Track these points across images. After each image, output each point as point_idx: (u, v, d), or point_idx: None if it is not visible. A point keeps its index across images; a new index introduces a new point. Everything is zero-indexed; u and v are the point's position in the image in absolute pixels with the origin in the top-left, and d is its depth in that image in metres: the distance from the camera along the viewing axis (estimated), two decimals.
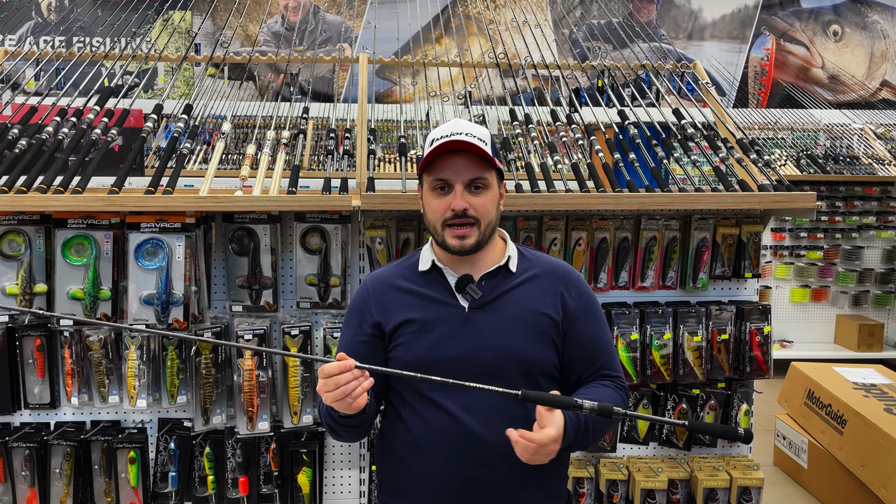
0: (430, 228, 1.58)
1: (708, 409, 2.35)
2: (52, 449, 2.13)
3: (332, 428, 1.53)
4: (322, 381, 1.35)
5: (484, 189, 1.53)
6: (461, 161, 1.51)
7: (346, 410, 1.39)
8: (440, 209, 1.52)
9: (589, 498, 2.33)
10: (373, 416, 1.55)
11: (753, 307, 2.35)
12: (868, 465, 3.18)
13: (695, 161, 2.39)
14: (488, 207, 1.53)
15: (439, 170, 1.52)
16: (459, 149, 1.50)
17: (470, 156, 1.51)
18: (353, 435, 1.56)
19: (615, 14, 6.97)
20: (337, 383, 1.33)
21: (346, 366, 1.33)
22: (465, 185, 1.51)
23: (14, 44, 6.73)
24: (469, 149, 1.49)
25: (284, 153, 2.29)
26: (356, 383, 1.34)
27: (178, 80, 6.88)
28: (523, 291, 1.58)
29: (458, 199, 1.50)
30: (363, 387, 1.35)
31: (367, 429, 1.54)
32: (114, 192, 1.97)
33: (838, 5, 7.69)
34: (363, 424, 1.51)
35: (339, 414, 1.43)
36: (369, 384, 1.37)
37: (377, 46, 2.99)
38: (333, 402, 1.36)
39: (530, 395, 1.35)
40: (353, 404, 1.36)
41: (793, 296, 5.99)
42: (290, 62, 2.91)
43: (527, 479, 1.53)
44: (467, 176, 1.51)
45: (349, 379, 1.33)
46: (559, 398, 1.36)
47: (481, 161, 1.52)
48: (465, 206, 1.50)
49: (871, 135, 6.25)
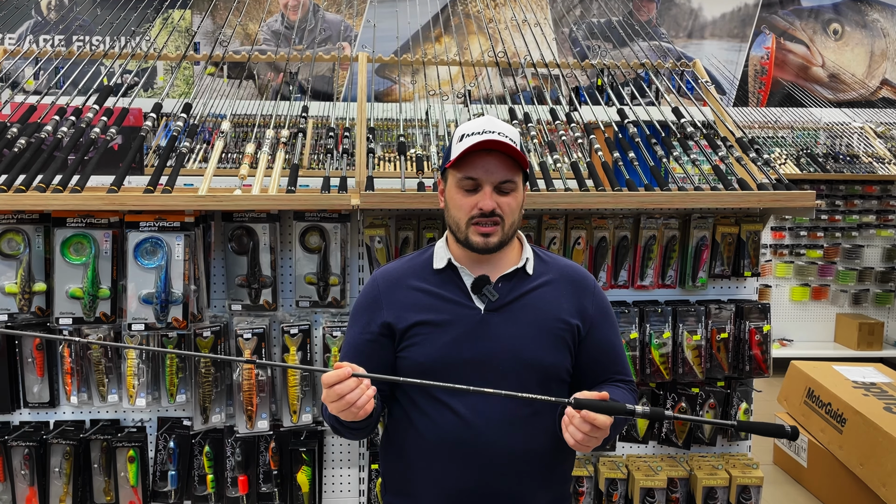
0: (451, 225, 1.54)
1: (707, 408, 2.35)
2: (51, 448, 2.13)
3: (336, 428, 1.51)
4: (325, 393, 1.32)
5: (512, 191, 1.49)
6: (493, 161, 1.47)
7: (353, 419, 1.36)
8: (466, 207, 1.48)
9: (588, 496, 2.33)
10: (377, 417, 1.53)
11: (753, 306, 2.35)
12: (868, 463, 3.18)
13: (694, 160, 2.39)
14: (514, 208, 1.50)
15: (470, 168, 1.47)
16: (493, 149, 1.46)
17: (502, 156, 1.47)
18: (357, 435, 1.55)
19: (615, 13, 6.97)
20: (339, 393, 1.30)
21: (343, 374, 1.30)
22: (494, 185, 1.47)
23: (14, 42, 6.73)
24: (503, 149, 1.46)
25: (284, 152, 2.29)
26: (359, 392, 1.31)
27: (178, 78, 6.87)
28: (540, 295, 1.55)
29: (486, 199, 1.46)
30: (367, 395, 1.32)
31: (372, 429, 1.54)
32: (113, 191, 1.97)
33: (838, 4, 7.68)
34: (369, 426, 1.50)
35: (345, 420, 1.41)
36: (373, 392, 1.34)
37: (377, 45, 2.99)
38: (339, 413, 1.33)
39: (582, 403, 1.31)
40: (360, 413, 1.33)
41: (793, 294, 5.99)
42: (289, 61, 2.91)
43: (534, 482, 1.53)
44: (498, 177, 1.47)
45: (351, 387, 1.30)
46: (612, 404, 1.31)
47: (512, 163, 1.48)
48: (493, 206, 1.46)
49: (871, 133, 6.25)
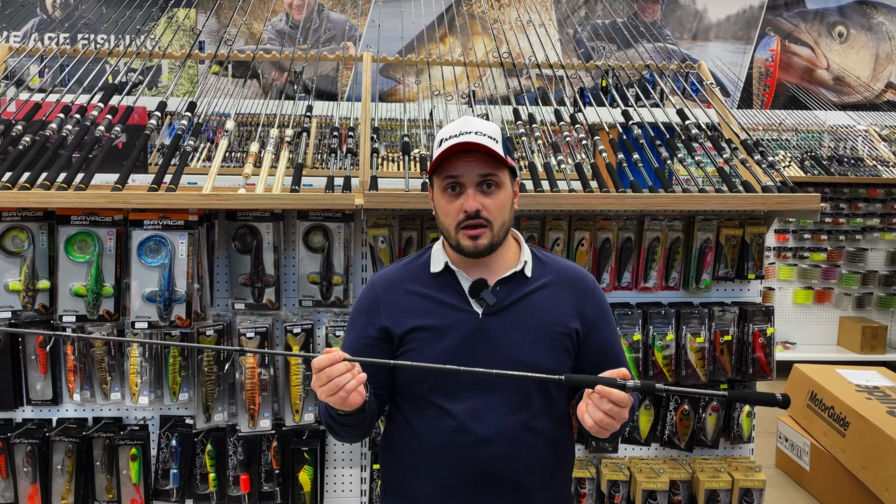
0: (442, 232, 1.53)
1: (710, 411, 2.35)
2: (53, 445, 2.14)
3: (332, 427, 1.50)
4: (315, 377, 1.33)
5: (497, 188, 1.48)
6: (472, 160, 1.46)
7: (343, 406, 1.35)
8: (453, 212, 1.47)
9: (590, 498, 2.33)
10: (372, 416, 1.52)
11: (756, 308, 2.35)
12: (870, 467, 3.17)
13: (699, 162, 2.39)
14: (501, 207, 1.48)
15: (450, 168, 1.47)
16: (469, 150, 1.45)
17: (480, 154, 1.46)
18: (352, 435, 1.53)
19: (620, 14, 6.96)
20: (329, 376, 1.30)
21: (334, 358, 1.30)
22: (476, 183, 1.46)
23: (19, 40, 6.75)
24: (479, 150, 1.45)
25: (288, 151, 2.29)
26: (349, 376, 1.31)
27: (182, 77, 6.88)
28: (539, 299, 1.54)
29: (470, 200, 1.45)
30: (357, 380, 1.32)
31: (366, 430, 1.52)
32: (117, 189, 1.97)
33: (843, 6, 7.67)
34: (362, 424, 1.48)
35: (337, 412, 1.41)
36: (363, 378, 1.34)
37: (381, 45, 2.99)
38: (329, 398, 1.33)
39: (573, 379, 1.32)
40: (349, 399, 1.33)
41: (796, 297, 5.97)
42: (294, 60, 2.91)
43: (532, 486, 1.52)
44: (478, 173, 1.46)
45: (342, 371, 1.31)
46: (603, 378, 1.31)
47: (493, 159, 1.47)
48: (477, 208, 1.45)
49: (875, 136, 6.23)
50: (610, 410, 1.29)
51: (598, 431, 1.35)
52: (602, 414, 1.30)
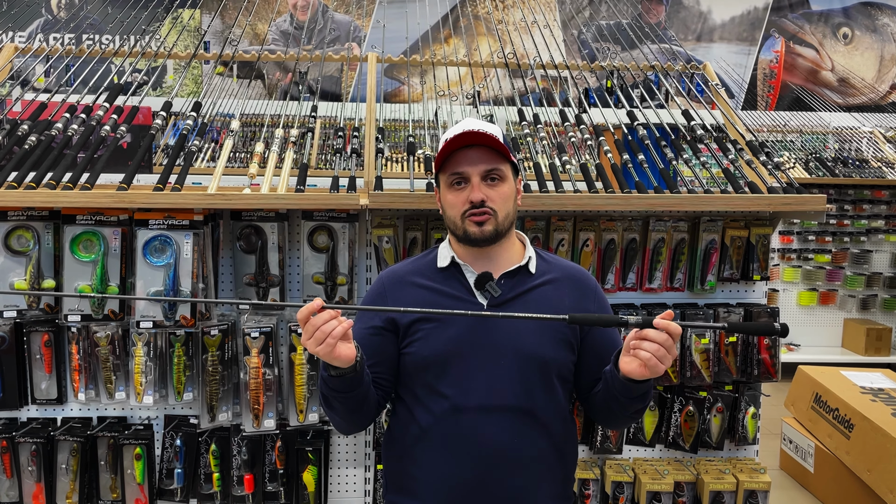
0: (450, 225, 1.58)
1: (715, 412, 2.34)
2: (58, 444, 2.14)
3: (327, 399, 1.50)
4: (303, 332, 1.35)
5: (500, 181, 1.54)
6: (476, 154, 1.52)
7: (333, 360, 1.36)
8: (458, 203, 1.53)
9: (594, 500, 2.32)
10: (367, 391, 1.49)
11: (761, 310, 2.34)
12: (875, 469, 3.16)
13: (704, 163, 2.38)
14: (505, 199, 1.54)
15: (455, 164, 1.53)
16: (473, 143, 1.51)
17: (484, 148, 1.52)
18: (346, 409, 1.50)
19: (624, 15, 6.96)
20: (315, 325, 1.32)
21: (314, 306, 1.32)
22: (481, 176, 1.52)
23: (24, 40, 6.77)
24: (483, 141, 1.51)
25: (292, 151, 2.29)
26: (335, 322, 1.33)
27: (187, 77, 6.90)
28: (542, 293, 1.58)
29: (475, 190, 1.51)
30: (343, 326, 1.34)
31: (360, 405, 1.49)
32: (122, 189, 1.98)
33: (848, 8, 7.65)
34: (356, 393, 1.46)
35: (330, 373, 1.41)
36: (349, 324, 1.35)
37: (386, 46, 2.98)
38: (317, 349, 1.34)
39: (577, 318, 1.37)
40: (338, 350, 1.34)
41: (800, 299, 5.96)
42: (298, 61, 2.91)
43: (536, 480, 1.53)
44: (483, 167, 1.52)
45: (325, 319, 1.33)
46: (605, 316, 1.36)
47: (495, 153, 1.53)
48: (482, 197, 1.51)
49: (880, 138, 6.22)
50: (664, 342, 1.32)
51: (644, 373, 1.36)
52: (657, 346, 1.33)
